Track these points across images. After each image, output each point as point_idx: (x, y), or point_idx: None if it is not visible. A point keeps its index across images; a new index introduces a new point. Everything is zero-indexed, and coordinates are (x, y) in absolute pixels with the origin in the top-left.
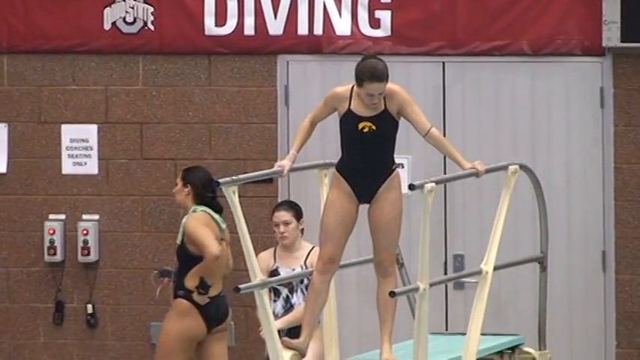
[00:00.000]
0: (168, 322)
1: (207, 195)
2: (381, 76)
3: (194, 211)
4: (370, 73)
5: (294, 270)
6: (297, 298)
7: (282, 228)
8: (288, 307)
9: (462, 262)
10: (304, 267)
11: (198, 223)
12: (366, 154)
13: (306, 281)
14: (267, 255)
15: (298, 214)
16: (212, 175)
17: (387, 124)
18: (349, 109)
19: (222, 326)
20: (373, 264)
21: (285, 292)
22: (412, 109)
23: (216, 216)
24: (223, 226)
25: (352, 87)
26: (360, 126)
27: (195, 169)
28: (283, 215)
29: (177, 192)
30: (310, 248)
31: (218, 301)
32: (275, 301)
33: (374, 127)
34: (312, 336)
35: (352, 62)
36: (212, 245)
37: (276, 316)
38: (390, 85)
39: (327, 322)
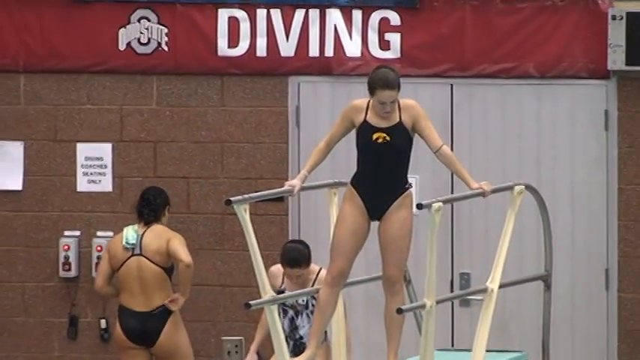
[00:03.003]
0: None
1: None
2: (392, 84)
3: None
4: (382, 81)
5: None
6: (301, 321)
7: (294, 280)
8: (293, 327)
9: (468, 280)
10: None
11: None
12: (379, 166)
13: (311, 307)
14: (277, 272)
15: (308, 260)
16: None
17: (401, 135)
18: (365, 120)
19: (154, 349)
20: (382, 281)
21: (290, 312)
22: (426, 124)
23: (129, 230)
24: (132, 240)
25: (369, 101)
26: (375, 136)
27: None
28: (296, 272)
29: None
30: (318, 271)
31: (141, 318)
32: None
33: (388, 138)
34: (319, 348)
35: (362, 83)
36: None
37: None
38: (407, 100)
39: (336, 339)
